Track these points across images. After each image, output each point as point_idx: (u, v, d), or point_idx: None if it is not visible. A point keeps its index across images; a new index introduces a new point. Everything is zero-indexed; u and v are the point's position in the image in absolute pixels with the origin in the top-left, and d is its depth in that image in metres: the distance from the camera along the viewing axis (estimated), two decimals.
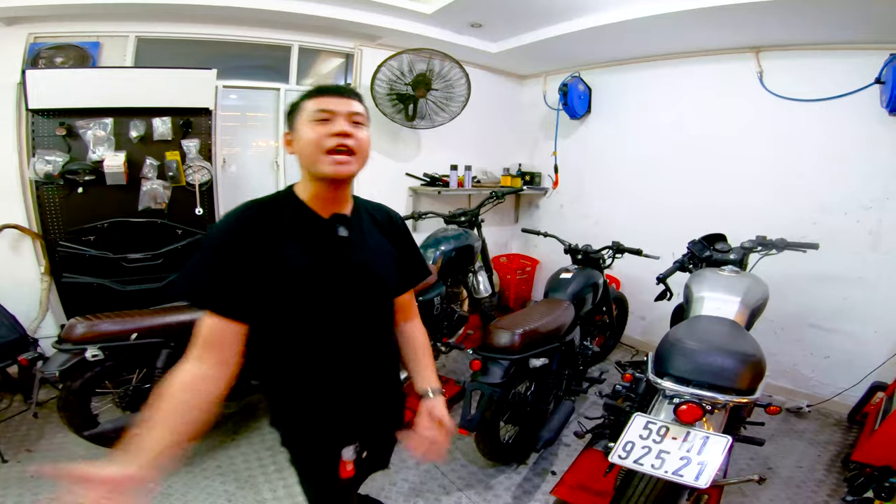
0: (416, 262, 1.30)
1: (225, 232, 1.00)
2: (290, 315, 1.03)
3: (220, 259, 0.97)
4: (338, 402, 1.13)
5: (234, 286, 0.97)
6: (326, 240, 1.06)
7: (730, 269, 2.21)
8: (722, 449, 1.26)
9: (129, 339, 2.12)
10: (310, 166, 1.03)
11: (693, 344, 1.49)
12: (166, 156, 2.96)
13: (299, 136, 1.03)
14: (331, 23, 3.25)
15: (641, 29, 2.96)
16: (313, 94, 1.04)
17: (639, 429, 1.37)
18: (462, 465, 2.39)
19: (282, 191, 1.11)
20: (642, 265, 3.02)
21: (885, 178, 2.54)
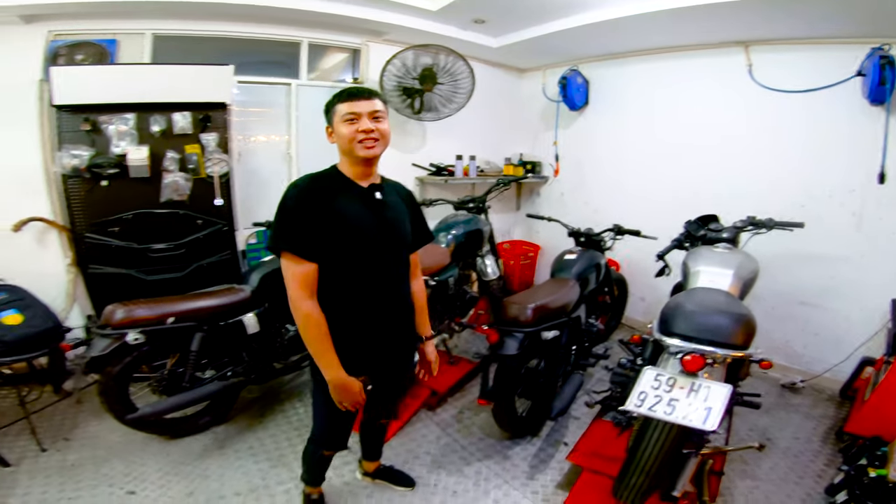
0: (424, 228, 1.72)
1: (297, 197, 1.37)
2: (343, 255, 1.40)
3: (299, 217, 1.35)
4: (360, 337, 1.50)
5: (311, 236, 1.34)
6: (367, 201, 1.47)
7: (723, 246, 2.37)
8: (724, 395, 1.42)
9: (166, 323, 2.21)
10: (348, 152, 1.43)
11: (693, 307, 1.66)
12: (186, 149, 3.06)
13: (337, 131, 1.43)
14: (339, 19, 3.37)
15: (636, 25, 3.11)
16: (344, 98, 1.42)
17: (650, 380, 1.53)
18: (480, 439, 2.54)
19: (329, 169, 1.50)
20: (641, 249, 3.17)
21: (867, 163, 2.71)
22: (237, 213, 3.33)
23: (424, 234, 1.73)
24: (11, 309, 2.36)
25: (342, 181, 1.46)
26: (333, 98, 1.45)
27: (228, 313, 2.41)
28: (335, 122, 1.43)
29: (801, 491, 2.14)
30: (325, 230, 1.37)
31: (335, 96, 1.44)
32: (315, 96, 3.68)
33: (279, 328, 2.71)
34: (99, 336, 2.16)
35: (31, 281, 2.64)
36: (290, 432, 2.56)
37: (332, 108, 1.44)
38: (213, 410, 2.54)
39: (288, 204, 1.37)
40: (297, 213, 1.35)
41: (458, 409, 2.83)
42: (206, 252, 3.18)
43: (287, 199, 1.38)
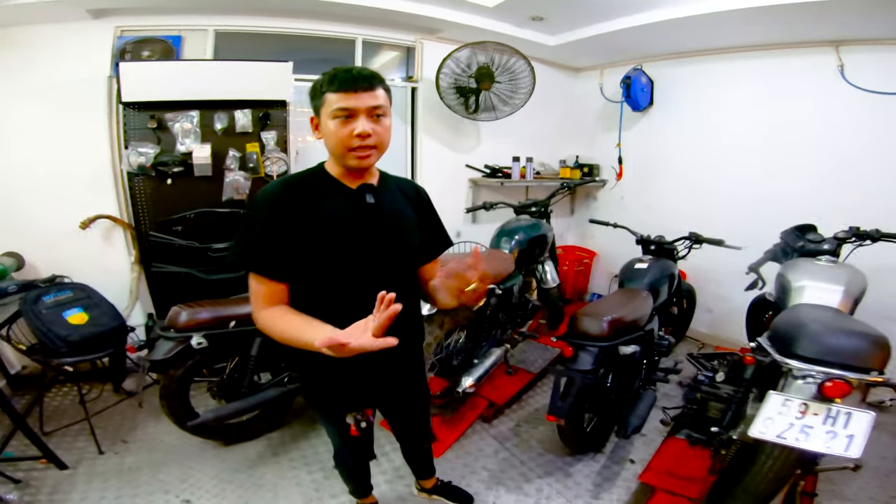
0: (440, 232, 1.44)
1: (266, 205, 1.14)
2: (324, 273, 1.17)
3: (266, 231, 1.12)
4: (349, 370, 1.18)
5: (281, 254, 1.12)
6: (356, 205, 1.21)
7: (826, 259, 2.17)
8: (868, 422, 1.31)
9: (229, 327, 2.18)
10: (336, 158, 1.18)
11: (818, 327, 1.50)
12: (247, 147, 3.05)
13: (324, 128, 1.14)
14: (394, 15, 3.30)
15: (711, 23, 2.92)
16: (336, 85, 1.09)
17: (776, 406, 1.41)
18: (539, 454, 2.42)
19: (314, 167, 1.25)
20: (711, 257, 2.98)
21: None
22: None
23: (442, 240, 1.44)
24: (77, 307, 2.39)
25: (327, 182, 1.20)
26: (322, 82, 1.12)
27: None
28: (323, 115, 1.13)
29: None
30: (299, 246, 1.13)
31: (325, 80, 1.12)
32: None
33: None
34: (163, 338, 2.15)
35: (97, 278, 2.70)
36: None
37: (321, 96, 1.12)
38: (267, 416, 2.50)
39: (253, 215, 1.15)
40: (264, 227, 1.12)
41: (516, 421, 2.71)
42: None
43: (253, 208, 1.16)
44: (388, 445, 2.41)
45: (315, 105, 1.16)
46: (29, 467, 2.13)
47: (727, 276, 3.42)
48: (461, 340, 2.58)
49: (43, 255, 2.83)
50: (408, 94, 3.79)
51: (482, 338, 2.63)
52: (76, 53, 2.81)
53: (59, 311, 2.33)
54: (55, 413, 2.61)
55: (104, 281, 2.72)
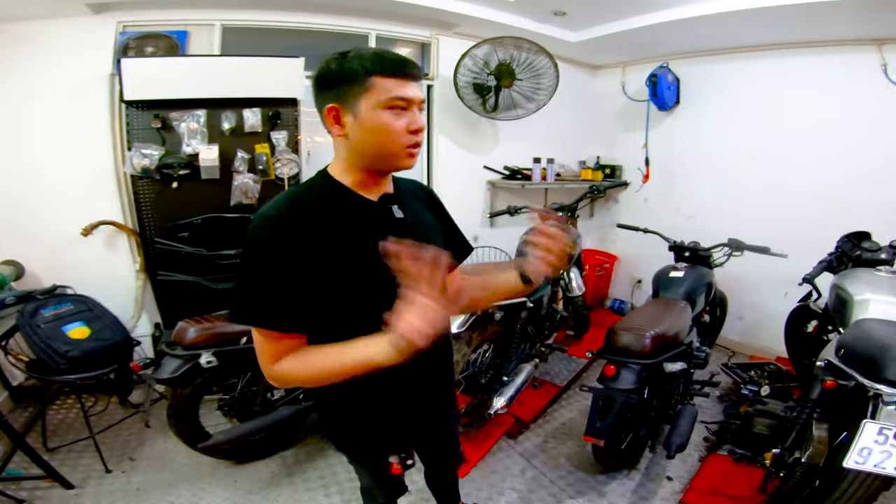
0: (460, 237, 1.23)
1: (271, 236, 0.87)
2: (351, 311, 0.93)
3: (273, 270, 0.86)
4: (390, 410, 1.08)
5: (294, 297, 0.87)
6: (381, 222, 0.98)
7: (887, 269, 2.03)
8: None
9: (240, 344, 2.06)
10: (382, 159, 0.94)
11: None
12: (256, 148, 2.89)
13: (368, 120, 0.89)
14: (409, 9, 3.14)
15: (741, 21, 2.79)
16: (388, 70, 0.88)
17: (872, 435, 1.32)
18: (569, 472, 2.29)
19: (314, 178, 1.00)
20: (744, 262, 2.83)
21: None
22: None
23: (463, 246, 1.23)
24: (78, 321, 2.26)
25: (341, 196, 0.96)
26: (361, 62, 0.88)
27: None
28: (364, 104, 0.88)
29: None
30: (319, 285, 0.89)
31: (365, 59, 0.88)
32: None
33: None
34: (169, 356, 2.02)
35: (99, 287, 2.56)
36: None
37: (361, 80, 0.88)
38: (281, 434, 2.37)
39: (255, 249, 0.88)
40: (270, 267, 0.86)
41: (542, 437, 2.57)
42: None
43: (253, 241, 0.88)
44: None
45: (341, 92, 0.90)
46: (33, 486, 2.02)
47: (761, 282, 3.29)
48: (488, 355, 2.43)
49: (43, 264, 2.68)
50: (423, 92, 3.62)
51: (511, 353, 2.48)
52: (76, 50, 2.65)
53: (58, 325, 2.18)
54: (59, 428, 2.49)
55: (108, 290, 2.59)
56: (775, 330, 2.93)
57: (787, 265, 2.62)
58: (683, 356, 2.18)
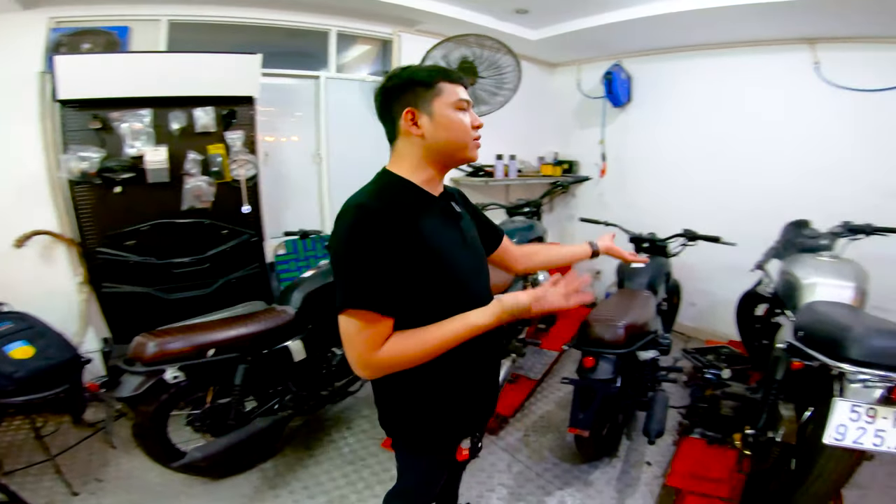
0: (492, 226, 1.39)
1: (373, 228, 0.96)
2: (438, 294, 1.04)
3: (379, 257, 0.95)
4: (469, 396, 1.19)
5: (396, 282, 0.97)
6: (447, 216, 1.13)
7: (828, 254, 2.20)
8: None
9: (207, 356, 1.93)
10: (454, 152, 1.08)
11: (862, 329, 1.48)
12: (209, 149, 2.75)
13: (444, 118, 1.04)
14: (370, 6, 3.09)
15: (688, 21, 2.94)
16: (451, 77, 1.07)
17: (845, 412, 1.40)
18: (554, 464, 2.33)
19: (382, 177, 1.10)
20: (694, 251, 2.97)
21: None
22: (265, 222, 3.01)
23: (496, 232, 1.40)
24: (20, 340, 2.04)
25: (415, 193, 1.07)
26: (429, 72, 1.06)
27: (272, 339, 2.14)
28: (438, 106, 1.03)
29: None
30: (414, 267, 0.99)
31: (431, 70, 1.06)
32: (345, 90, 3.39)
33: (324, 352, 2.45)
34: (129, 373, 1.87)
35: (39, 303, 2.32)
36: (345, 467, 2.30)
37: (432, 86, 1.03)
38: (259, 446, 2.27)
39: (360, 237, 0.95)
40: (374, 251, 0.95)
41: (523, 431, 2.60)
42: (233, 266, 2.86)
43: (356, 230, 0.96)
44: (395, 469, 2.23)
45: (416, 98, 1.04)
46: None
47: (710, 270, 3.48)
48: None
49: None
50: None
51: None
52: (1, 49, 2.40)
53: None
54: (10, 450, 2.27)
55: (48, 306, 2.35)
56: (726, 315, 3.11)
57: (733, 253, 2.79)
58: (652, 344, 2.27)
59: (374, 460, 2.33)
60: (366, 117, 3.52)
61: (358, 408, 2.76)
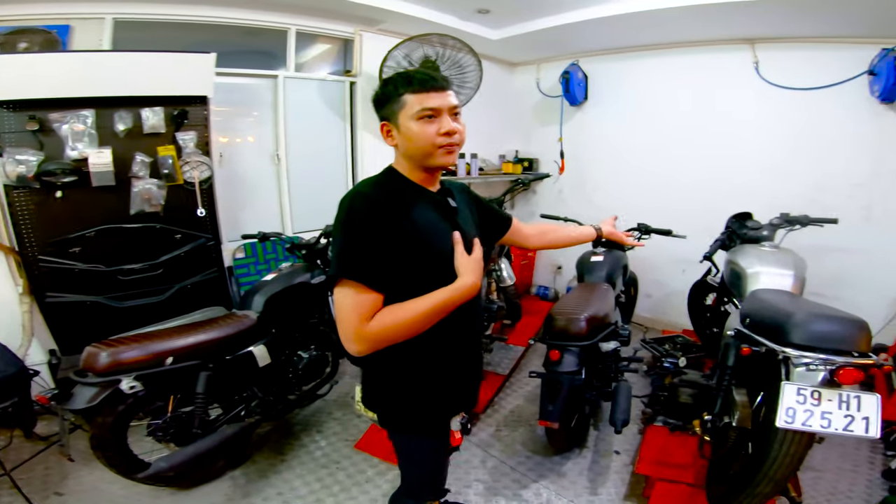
0: (498, 214, 1.50)
1: (367, 210, 1.07)
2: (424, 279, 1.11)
3: (370, 236, 1.05)
4: (456, 373, 1.25)
5: (385, 260, 1.06)
6: (442, 209, 1.20)
7: (769, 244, 2.34)
8: (876, 403, 1.39)
9: (165, 365, 1.86)
10: (422, 160, 1.13)
11: (804, 315, 1.56)
12: (159, 151, 2.63)
13: (406, 131, 1.10)
14: (331, 4, 3.04)
15: (643, 21, 3.04)
16: (415, 86, 1.09)
17: (793, 395, 1.45)
18: (527, 457, 2.38)
19: (385, 173, 1.19)
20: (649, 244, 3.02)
21: (875, 158, 2.82)
22: (221, 225, 2.92)
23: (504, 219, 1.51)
24: None
25: (411, 187, 1.17)
26: (395, 84, 1.11)
27: (235, 345, 2.08)
28: (402, 118, 1.10)
29: (861, 478, 2.15)
30: (402, 251, 1.08)
31: (397, 82, 1.11)
32: (305, 90, 3.31)
33: (290, 356, 2.41)
34: (81, 384, 1.76)
35: None
36: (319, 471, 2.27)
37: (396, 99, 1.10)
38: (226, 452, 2.21)
39: (355, 219, 1.06)
40: (367, 231, 1.05)
41: (495, 426, 2.64)
42: (189, 271, 2.76)
43: (353, 212, 1.07)
44: (371, 470, 2.26)
45: (386, 111, 1.14)
46: None
47: (664, 262, 3.65)
48: None
49: None
50: (345, 90, 3.52)
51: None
52: None
53: None
54: None
55: None
56: (679, 304, 3.26)
57: (685, 245, 2.94)
58: (613, 335, 2.35)
59: (347, 462, 2.31)
60: (326, 117, 3.47)
61: (328, 410, 2.73)
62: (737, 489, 1.68)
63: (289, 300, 2.33)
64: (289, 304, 2.35)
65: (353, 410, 2.68)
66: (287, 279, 2.36)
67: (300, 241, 2.55)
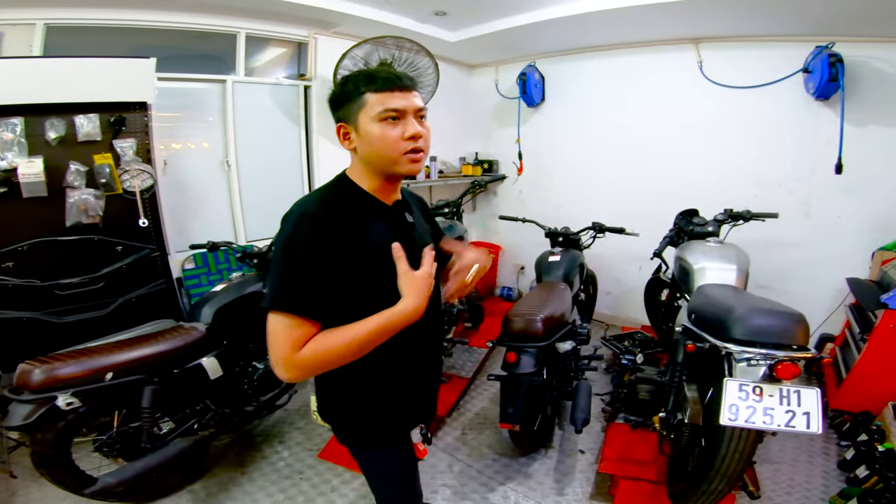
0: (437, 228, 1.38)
1: (312, 235, 0.96)
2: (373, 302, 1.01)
3: (315, 264, 0.95)
4: (412, 383, 1.19)
5: (329, 289, 0.96)
6: (398, 226, 1.10)
7: (714, 240, 2.41)
8: (817, 397, 1.40)
9: (105, 380, 1.79)
10: (385, 167, 1.03)
11: (744, 309, 1.57)
12: (95, 159, 2.51)
13: (367, 134, 1.00)
14: (284, 7, 2.96)
15: (596, 21, 3.11)
16: (378, 86, 1.00)
17: (735, 392, 1.45)
18: (494, 459, 2.37)
19: (337, 181, 1.09)
20: (606, 243, 3.18)
21: (812, 154, 2.95)
22: (168, 235, 2.80)
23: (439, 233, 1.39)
24: None
25: (364, 200, 1.06)
26: (355, 83, 1.01)
27: (182, 358, 2.02)
28: (361, 120, 1.00)
29: (818, 469, 2.20)
30: (349, 279, 0.98)
31: (358, 80, 1.01)
32: (256, 95, 3.22)
33: (245, 367, 2.34)
34: (16, 402, 1.70)
35: None
36: (282, 482, 2.20)
37: (356, 98, 1.00)
38: (182, 466, 2.15)
39: (297, 245, 0.96)
40: (310, 260, 0.95)
41: (460, 430, 2.62)
42: (133, 284, 2.64)
43: (296, 237, 0.96)
44: (336, 479, 2.22)
45: (344, 112, 1.03)
46: None
47: (621, 260, 3.73)
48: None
49: None
50: (299, 94, 3.44)
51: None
52: None
53: None
54: None
55: None
56: (637, 301, 3.32)
57: (639, 243, 3.01)
58: (570, 334, 2.37)
59: (311, 472, 2.25)
60: (279, 122, 3.38)
61: (290, 420, 2.66)
62: (693, 486, 1.67)
63: (240, 310, 2.26)
64: (241, 315, 2.27)
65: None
66: (238, 289, 2.30)
67: (252, 249, 2.48)
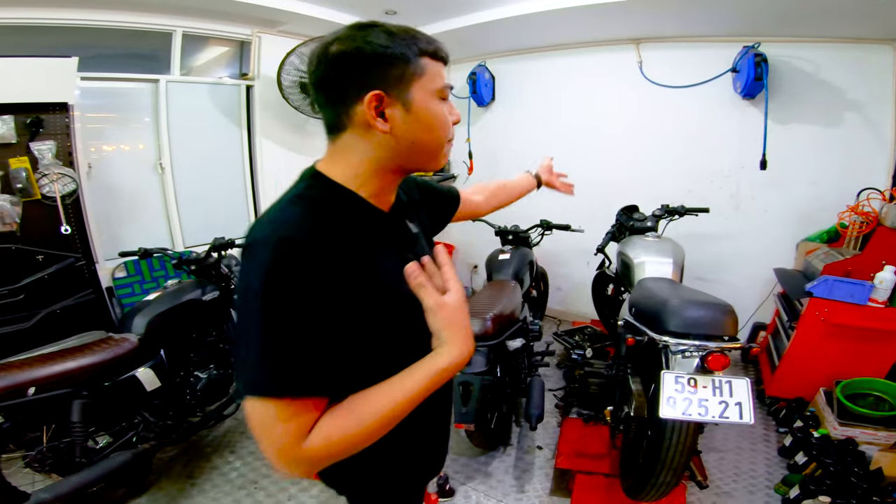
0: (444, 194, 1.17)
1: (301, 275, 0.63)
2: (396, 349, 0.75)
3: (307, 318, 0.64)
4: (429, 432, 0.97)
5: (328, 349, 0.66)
6: (401, 242, 0.82)
7: (652, 235, 2.52)
8: (747, 387, 1.44)
9: (27, 395, 1.69)
10: (422, 160, 0.77)
11: (678, 302, 1.63)
12: (11, 163, 2.33)
13: (424, 112, 0.72)
14: (226, 5, 2.85)
15: (542, 21, 3.16)
16: (439, 53, 0.74)
17: (672, 384, 1.47)
18: (453, 459, 2.36)
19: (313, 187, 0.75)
20: (555, 240, 3.24)
21: (740, 150, 3.13)
22: (95, 242, 2.63)
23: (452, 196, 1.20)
24: None
25: (363, 212, 0.76)
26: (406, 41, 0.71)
27: (113, 370, 1.92)
28: (416, 94, 0.71)
29: (760, 456, 2.27)
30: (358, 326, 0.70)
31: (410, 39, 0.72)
32: (192, 95, 3.08)
33: (186, 378, 2.25)
34: None
35: None
36: (235, 492, 2.12)
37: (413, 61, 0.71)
38: (124, 480, 2.06)
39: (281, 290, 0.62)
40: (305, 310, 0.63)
41: None
42: (57, 295, 2.47)
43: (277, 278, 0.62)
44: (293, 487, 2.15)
45: (388, 76, 0.69)
46: None
47: (570, 255, 3.82)
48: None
49: None
50: (241, 94, 3.32)
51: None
52: None
53: None
54: None
55: None
56: (587, 295, 3.40)
57: (586, 238, 3.09)
58: (521, 332, 2.39)
59: (267, 481, 2.17)
60: (219, 123, 3.24)
61: (241, 430, 2.55)
62: (643, 479, 1.69)
63: (177, 319, 2.17)
64: (178, 324, 2.18)
65: None
66: (173, 298, 2.19)
67: (190, 255, 2.36)
